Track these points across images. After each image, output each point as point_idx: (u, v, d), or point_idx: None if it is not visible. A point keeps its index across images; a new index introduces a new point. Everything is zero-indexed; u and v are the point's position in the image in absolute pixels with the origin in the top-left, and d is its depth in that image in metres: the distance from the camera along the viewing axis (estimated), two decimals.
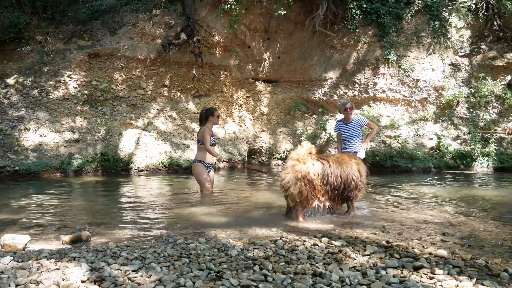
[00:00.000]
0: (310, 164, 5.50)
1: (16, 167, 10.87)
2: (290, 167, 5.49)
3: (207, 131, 7.44)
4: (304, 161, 5.49)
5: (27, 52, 13.51)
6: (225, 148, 14.33)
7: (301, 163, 5.47)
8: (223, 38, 15.34)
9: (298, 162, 5.49)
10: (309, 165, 5.48)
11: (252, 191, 8.94)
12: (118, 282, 2.90)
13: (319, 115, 16.00)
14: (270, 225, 5.34)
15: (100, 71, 13.95)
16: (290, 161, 5.59)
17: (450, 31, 15.36)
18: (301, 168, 5.42)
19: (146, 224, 5.59)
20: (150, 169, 12.37)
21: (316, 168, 5.51)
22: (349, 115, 7.88)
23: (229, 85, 16.02)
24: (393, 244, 4.11)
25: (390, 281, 2.97)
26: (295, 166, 5.45)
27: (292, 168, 5.47)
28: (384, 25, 14.91)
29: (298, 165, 5.45)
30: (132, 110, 13.90)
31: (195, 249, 3.83)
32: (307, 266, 3.35)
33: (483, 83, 14.42)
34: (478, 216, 6.00)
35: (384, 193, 8.40)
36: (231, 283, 2.89)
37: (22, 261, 3.37)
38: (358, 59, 15.35)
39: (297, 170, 5.41)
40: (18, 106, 12.36)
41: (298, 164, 5.46)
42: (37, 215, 6.22)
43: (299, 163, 5.47)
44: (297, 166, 5.44)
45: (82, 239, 4.59)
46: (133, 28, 14.56)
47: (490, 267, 3.36)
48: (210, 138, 7.45)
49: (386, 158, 13.30)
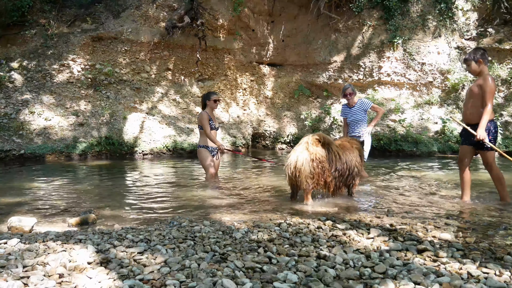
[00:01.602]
0: (320, 148, 5.59)
1: (22, 150, 10.92)
2: (303, 149, 5.56)
3: (205, 116, 7.40)
4: (316, 145, 5.58)
5: (30, 35, 13.47)
6: (229, 132, 14.33)
7: (313, 145, 5.56)
8: (227, 21, 15.22)
9: (309, 145, 5.56)
10: (320, 149, 5.59)
11: (256, 175, 8.96)
12: (124, 263, 2.92)
13: (324, 99, 15.93)
14: (274, 208, 5.37)
15: (104, 55, 13.90)
16: (302, 144, 5.66)
17: (457, 14, 15.17)
18: (314, 149, 5.53)
19: (151, 207, 5.63)
20: (155, 152, 12.41)
21: (324, 153, 5.61)
22: (350, 100, 7.84)
23: (233, 69, 15.95)
24: (397, 227, 4.12)
25: (394, 264, 2.98)
26: (308, 148, 5.53)
27: (304, 149, 5.54)
28: (389, 7, 14.74)
29: (310, 147, 5.54)
30: (136, 94, 13.89)
31: (200, 232, 3.85)
32: (311, 248, 3.37)
33: (489, 67, 14.27)
34: (482, 200, 6.00)
35: (388, 177, 8.40)
36: (235, 265, 2.91)
37: (29, 243, 3.40)
38: (363, 43, 15.21)
39: (310, 151, 5.50)
40: (23, 90, 12.36)
41: (311, 146, 5.55)
42: (43, 198, 6.28)
43: (311, 145, 5.55)
44: (310, 147, 5.54)
45: (88, 221, 4.63)
46: (137, 11, 14.47)
47: (494, 250, 3.37)
48: (210, 123, 7.41)
49: (390, 142, 13.27)
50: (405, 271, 2.81)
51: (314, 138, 5.67)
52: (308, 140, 5.64)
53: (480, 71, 5.64)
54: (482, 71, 5.63)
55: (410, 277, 2.69)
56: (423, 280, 2.62)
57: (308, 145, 5.56)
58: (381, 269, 2.84)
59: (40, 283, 2.55)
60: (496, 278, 2.73)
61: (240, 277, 2.69)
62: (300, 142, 5.74)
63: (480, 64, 5.62)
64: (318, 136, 5.73)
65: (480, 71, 5.64)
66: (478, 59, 5.61)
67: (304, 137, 5.82)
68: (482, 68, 5.62)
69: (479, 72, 5.65)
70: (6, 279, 2.57)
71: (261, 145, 15.87)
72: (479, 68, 5.64)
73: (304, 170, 5.45)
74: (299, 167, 5.47)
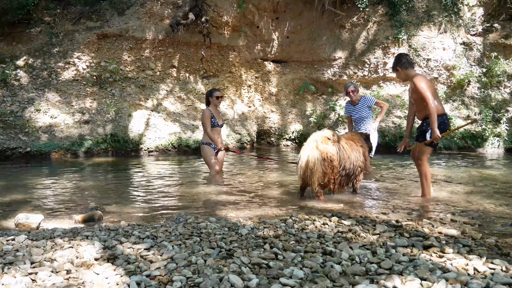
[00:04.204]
0: (330, 146, 5.50)
1: (28, 148, 10.97)
2: (312, 147, 5.46)
3: (207, 114, 7.41)
4: (325, 143, 5.50)
5: (35, 33, 13.51)
6: (234, 129, 14.34)
7: (323, 143, 5.47)
8: (232, 18, 15.20)
9: (319, 143, 5.48)
10: (330, 147, 5.49)
11: (261, 171, 8.96)
12: (131, 259, 2.94)
13: (328, 95, 15.89)
14: (279, 205, 5.38)
15: (109, 52, 13.93)
16: (311, 142, 5.56)
17: (462, 9, 15.07)
18: (324, 148, 5.42)
19: (157, 204, 5.65)
20: (160, 150, 12.44)
21: (335, 151, 5.52)
22: (353, 98, 7.82)
23: (237, 66, 15.94)
24: (403, 224, 4.12)
25: (400, 260, 2.98)
26: (318, 146, 5.44)
27: (314, 147, 5.45)
28: (394, 3, 14.66)
29: (320, 145, 5.45)
30: (141, 91, 13.92)
31: (206, 228, 3.87)
32: (317, 244, 3.37)
33: (495, 62, 14.18)
34: (488, 196, 5.99)
35: (394, 173, 8.39)
36: (242, 261, 2.92)
37: (36, 240, 3.43)
38: (368, 39, 15.15)
39: (321, 150, 5.40)
40: (28, 88, 12.42)
41: (320, 144, 5.46)
42: (49, 195, 6.32)
43: (321, 143, 5.47)
44: (320, 146, 5.44)
45: (95, 218, 4.66)
46: (141, 8, 14.47)
47: (500, 246, 3.37)
48: (212, 121, 7.41)
49: (395, 138, 13.23)
50: (411, 267, 2.81)
51: (324, 136, 5.57)
52: (317, 138, 5.54)
53: (405, 77, 5.65)
54: (407, 75, 5.63)
55: (416, 273, 2.69)
56: (429, 276, 2.63)
57: (317, 143, 5.46)
58: (387, 265, 2.84)
59: (48, 279, 2.57)
60: (503, 274, 2.72)
61: (246, 273, 2.70)
62: (308, 140, 5.63)
63: (399, 72, 5.65)
64: (328, 133, 5.64)
65: (406, 77, 5.65)
66: (396, 69, 5.65)
67: (313, 134, 5.72)
68: (405, 73, 5.63)
69: (405, 78, 5.66)
70: (15, 275, 2.59)
71: (266, 142, 15.86)
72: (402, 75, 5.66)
73: (316, 170, 5.38)
74: (311, 167, 5.39)
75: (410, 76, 5.57)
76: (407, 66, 5.61)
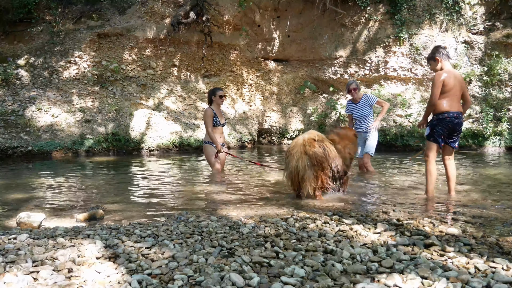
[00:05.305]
0: (317, 148, 5.37)
1: (29, 147, 10.99)
2: (301, 152, 5.34)
3: (208, 113, 7.42)
4: (313, 146, 5.38)
5: (37, 32, 13.53)
6: (235, 128, 14.34)
7: (310, 147, 5.35)
8: (233, 17, 15.21)
9: (306, 147, 5.35)
10: (317, 149, 5.35)
11: (262, 170, 8.96)
12: (132, 258, 2.95)
13: (329, 94, 15.87)
14: (280, 204, 5.38)
15: (110, 51, 13.94)
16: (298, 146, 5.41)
17: (464, 8, 15.04)
18: (312, 151, 5.31)
19: (158, 203, 5.65)
20: (161, 149, 12.45)
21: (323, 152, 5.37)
22: (355, 96, 7.82)
23: (238, 65, 15.94)
24: (404, 222, 4.12)
25: (401, 258, 2.98)
26: (306, 150, 5.32)
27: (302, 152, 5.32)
28: (395, 2, 14.64)
29: (308, 149, 5.32)
30: (142, 90, 13.93)
31: (207, 227, 3.87)
32: (318, 243, 3.37)
33: (496, 61, 14.15)
34: (489, 195, 5.98)
35: (395, 172, 8.39)
36: (243, 259, 2.93)
37: (38, 238, 3.44)
38: (369, 37, 15.14)
39: (310, 154, 5.30)
40: (29, 87, 12.43)
41: (308, 147, 5.33)
42: (51, 194, 6.32)
43: (308, 146, 5.35)
44: (308, 150, 5.32)
45: (96, 217, 4.67)
46: (142, 7, 14.48)
47: (501, 245, 3.37)
48: (214, 120, 7.42)
49: (397, 137, 13.24)
50: (412, 266, 2.81)
51: (310, 138, 5.43)
52: (305, 141, 5.41)
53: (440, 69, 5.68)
54: (442, 67, 5.67)
55: (417, 272, 2.69)
56: (430, 275, 2.63)
57: (305, 148, 5.34)
58: (388, 263, 2.84)
59: (49, 277, 2.58)
60: (504, 272, 2.72)
61: (247, 272, 2.70)
62: (295, 144, 5.49)
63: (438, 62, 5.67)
64: (313, 135, 5.50)
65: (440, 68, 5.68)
66: (435, 58, 5.69)
67: (298, 137, 5.60)
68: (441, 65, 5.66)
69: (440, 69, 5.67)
70: (16, 273, 2.60)
71: (267, 141, 15.87)
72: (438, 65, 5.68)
73: (307, 176, 5.33)
74: (301, 174, 5.34)
75: (437, 69, 5.63)
76: (445, 58, 5.66)
